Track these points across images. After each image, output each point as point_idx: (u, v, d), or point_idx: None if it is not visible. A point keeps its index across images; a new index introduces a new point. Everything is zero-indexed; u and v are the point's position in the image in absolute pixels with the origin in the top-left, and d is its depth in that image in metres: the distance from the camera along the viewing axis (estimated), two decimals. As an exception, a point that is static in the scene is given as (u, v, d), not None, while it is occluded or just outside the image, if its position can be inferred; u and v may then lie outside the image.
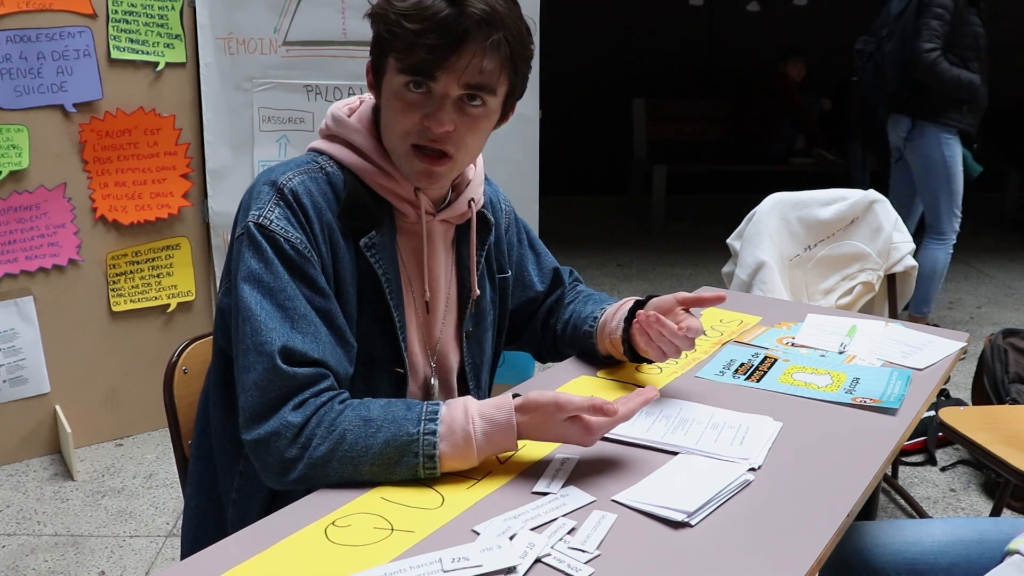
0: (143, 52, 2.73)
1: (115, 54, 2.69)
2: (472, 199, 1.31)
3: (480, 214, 1.35)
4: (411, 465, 1.07)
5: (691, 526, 1.00)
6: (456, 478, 1.11)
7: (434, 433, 1.07)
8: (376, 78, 1.19)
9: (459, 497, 1.07)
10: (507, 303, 1.46)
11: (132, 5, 2.69)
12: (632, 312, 1.37)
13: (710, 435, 1.22)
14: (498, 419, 1.09)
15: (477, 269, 1.35)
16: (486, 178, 1.43)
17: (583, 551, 0.95)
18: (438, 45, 1.08)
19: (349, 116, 1.25)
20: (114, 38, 2.68)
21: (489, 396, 1.47)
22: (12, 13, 2.52)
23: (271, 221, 1.13)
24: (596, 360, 1.48)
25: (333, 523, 1.00)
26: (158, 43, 2.75)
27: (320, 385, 1.11)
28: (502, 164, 2.68)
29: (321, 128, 1.27)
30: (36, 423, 2.79)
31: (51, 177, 2.67)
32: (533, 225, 2.76)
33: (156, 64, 2.76)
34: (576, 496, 1.06)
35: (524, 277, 1.50)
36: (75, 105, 2.65)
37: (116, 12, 2.67)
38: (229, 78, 2.76)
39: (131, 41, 2.71)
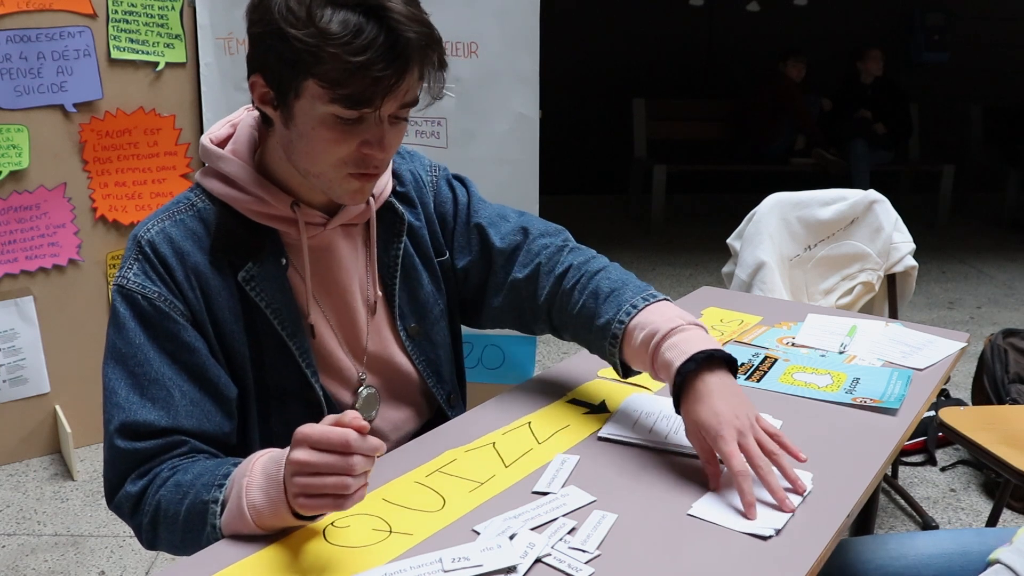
0: (143, 52, 2.73)
1: (115, 54, 2.69)
2: (371, 195, 1.23)
3: (388, 205, 1.28)
4: (208, 537, 1.00)
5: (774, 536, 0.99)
6: (457, 480, 1.11)
7: (217, 501, 1.00)
8: (281, 98, 1.07)
9: (461, 500, 1.06)
10: (453, 287, 1.38)
11: (132, 5, 2.69)
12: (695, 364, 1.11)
13: None
14: (273, 477, 0.96)
15: (397, 263, 1.28)
16: (402, 153, 1.36)
17: (583, 551, 0.95)
18: (384, 76, 1.01)
19: (226, 139, 1.19)
20: (114, 38, 2.68)
21: (459, 390, 1.44)
22: (12, 13, 2.52)
23: (128, 280, 1.11)
24: (594, 360, 1.48)
25: (332, 523, 1.00)
26: (158, 43, 2.75)
27: (169, 453, 1.08)
28: (502, 164, 2.68)
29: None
30: (36, 423, 2.79)
31: (51, 177, 2.67)
32: (533, 225, 2.77)
33: (156, 64, 2.76)
34: (576, 496, 1.06)
35: (486, 244, 1.35)
36: (75, 105, 2.65)
37: (116, 12, 2.67)
38: (229, 78, 2.76)
39: (131, 41, 2.71)
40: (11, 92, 2.55)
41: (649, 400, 1.34)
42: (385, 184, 1.27)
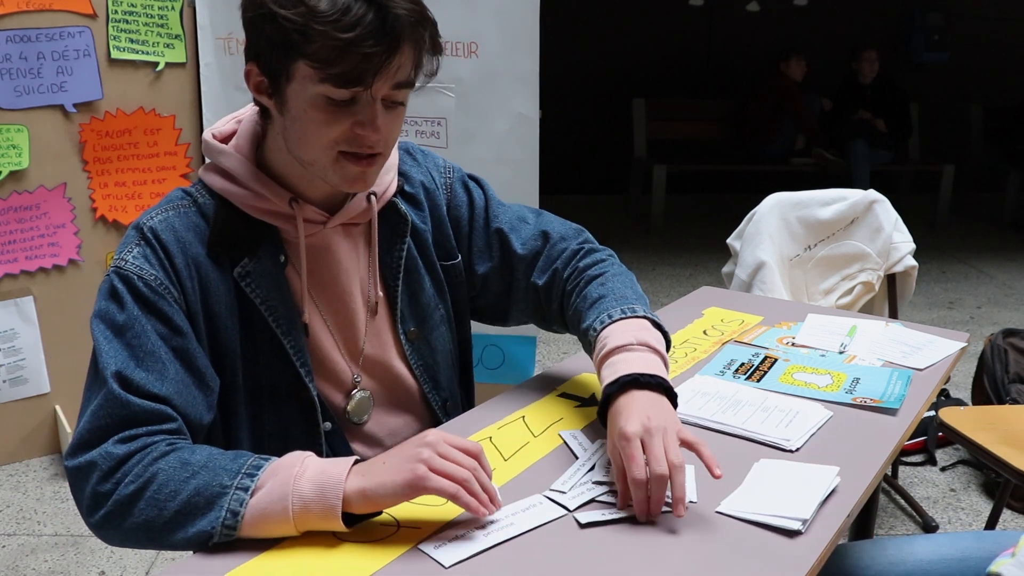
0: (143, 52, 2.73)
1: (115, 54, 2.69)
2: (373, 193, 1.22)
3: (392, 205, 1.26)
4: (214, 520, 0.95)
5: (802, 532, 0.99)
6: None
7: (247, 489, 0.96)
8: (273, 83, 1.08)
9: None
10: (460, 292, 1.36)
11: (132, 5, 2.69)
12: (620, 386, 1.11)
13: (759, 417, 1.27)
14: (331, 472, 0.97)
15: (400, 265, 1.27)
16: (413, 153, 1.35)
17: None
18: (374, 53, 1.01)
19: (230, 135, 1.19)
20: (114, 38, 2.68)
21: (464, 396, 1.43)
22: (12, 13, 2.52)
23: (127, 262, 1.09)
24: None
25: (339, 520, 1.01)
26: (158, 43, 2.75)
27: (159, 425, 1.04)
28: (502, 164, 2.68)
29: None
30: (36, 423, 2.79)
31: (51, 177, 2.67)
32: (533, 225, 2.77)
33: (156, 64, 2.76)
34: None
35: (508, 250, 1.35)
36: (75, 105, 2.65)
37: (116, 12, 2.67)
38: (229, 78, 2.76)
39: (131, 41, 2.71)
40: (11, 92, 2.55)
41: (705, 382, 1.41)
42: (389, 183, 1.25)
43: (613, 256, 1.37)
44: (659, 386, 1.10)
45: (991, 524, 2.17)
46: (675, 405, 1.11)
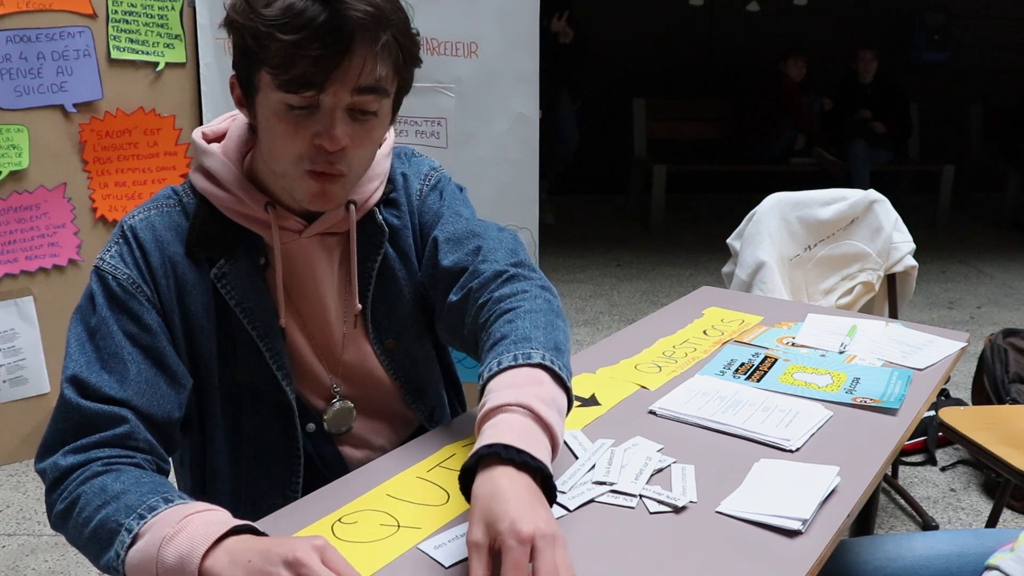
0: (143, 52, 2.74)
1: (115, 54, 2.69)
2: (353, 202, 1.17)
3: (371, 215, 1.22)
4: (110, 558, 0.94)
5: (802, 533, 0.99)
6: (458, 474, 1.11)
7: (131, 532, 0.92)
8: (246, 94, 1.08)
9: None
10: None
11: (132, 5, 2.69)
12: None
13: (759, 417, 1.27)
14: (198, 541, 0.87)
15: (372, 277, 1.23)
16: (404, 158, 1.29)
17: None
18: (322, 55, 0.97)
19: (223, 135, 1.18)
20: (114, 38, 2.68)
21: (453, 401, 1.40)
22: (12, 13, 2.52)
23: (104, 261, 1.11)
24: (593, 358, 1.48)
25: (340, 520, 1.01)
26: (158, 43, 2.75)
27: (111, 430, 1.03)
28: (502, 164, 2.68)
29: None
30: (36, 423, 2.79)
31: (51, 177, 2.67)
32: (533, 225, 2.77)
33: (156, 64, 2.76)
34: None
35: (435, 260, 1.25)
36: (75, 105, 2.65)
37: (116, 12, 2.67)
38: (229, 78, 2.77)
39: (131, 41, 2.71)
40: (11, 92, 2.55)
41: (705, 382, 1.41)
42: (371, 192, 1.21)
43: (544, 290, 1.17)
44: (526, 465, 0.90)
45: (991, 524, 2.17)
46: (553, 496, 0.93)
